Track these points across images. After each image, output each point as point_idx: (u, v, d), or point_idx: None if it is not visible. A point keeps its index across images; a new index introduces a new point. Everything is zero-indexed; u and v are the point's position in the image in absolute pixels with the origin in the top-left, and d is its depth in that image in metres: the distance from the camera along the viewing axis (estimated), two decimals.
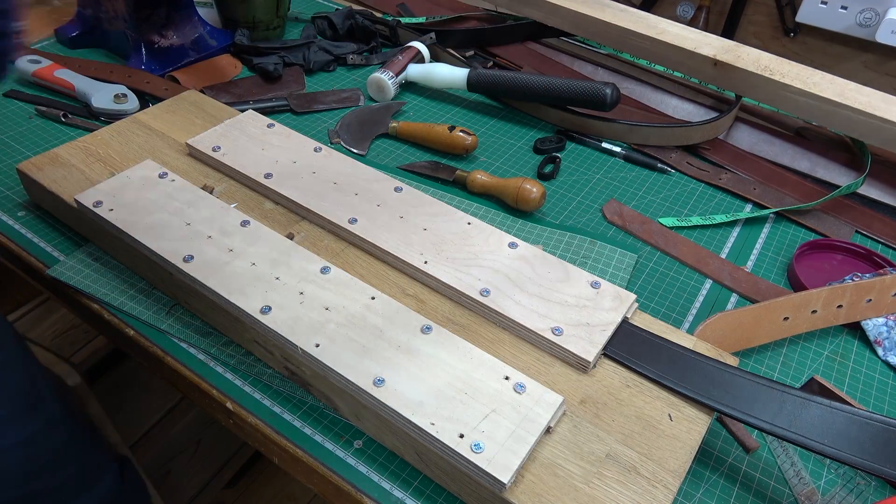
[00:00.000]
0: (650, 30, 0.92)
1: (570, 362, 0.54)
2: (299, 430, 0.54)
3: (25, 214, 0.71)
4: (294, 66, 0.97)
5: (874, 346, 0.65)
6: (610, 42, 0.96)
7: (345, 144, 0.85)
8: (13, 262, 0.70)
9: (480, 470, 0.45)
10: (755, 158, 0.88)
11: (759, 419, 0.49)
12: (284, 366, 0.56)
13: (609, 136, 0.90)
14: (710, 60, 0.87)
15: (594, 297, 0.58)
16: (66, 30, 0.99)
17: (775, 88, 0.83)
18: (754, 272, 0.73)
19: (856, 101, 0.79)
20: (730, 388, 0.51)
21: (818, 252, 0.75)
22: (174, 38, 0.96)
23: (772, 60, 0.86)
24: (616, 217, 0.77)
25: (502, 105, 0.97)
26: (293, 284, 0.56)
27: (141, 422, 1.08)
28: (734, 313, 0.61)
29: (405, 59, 0.96)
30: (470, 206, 0.76)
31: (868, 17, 1.47)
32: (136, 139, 0.74)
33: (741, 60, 0.86)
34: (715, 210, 0.81)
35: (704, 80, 0.90)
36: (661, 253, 0.74)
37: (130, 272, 0.65)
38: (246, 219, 0.62)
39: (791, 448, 0.55)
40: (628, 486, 0.47)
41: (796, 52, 1.67)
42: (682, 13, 1.75)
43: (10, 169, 0.76)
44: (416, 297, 0.59)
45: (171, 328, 0.60)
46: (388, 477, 0.51)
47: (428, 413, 0.48)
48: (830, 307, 0.63)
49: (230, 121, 0.75)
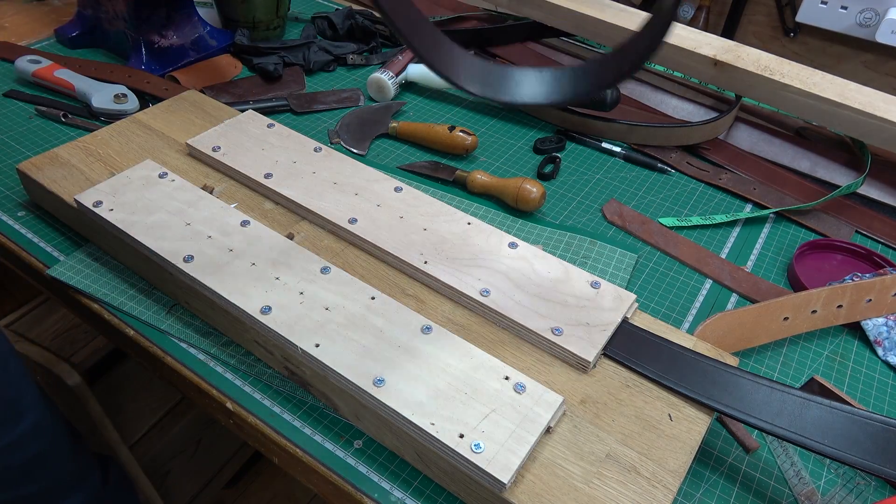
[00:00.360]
0: None
1: (570, 362, 0.54)
2: (299, 430, 0.54)
3: (25, 214, 0.71)
4: (294, 66, 0.97)
5: (874, 346, 0.65)
6: (610, 42, 0.96)
7: (345, 144, 0.85)
8: (13, 262, 0.70)
9: (480, 470, 0.45)
10: (755, 158, 0.88)
11: (759, 419, 0.49)
12: (284, 366, 0.56)
13: (609, 136, 0.90)
14: (710, 60, 0.87)
15: (594, 297, 0.58)
16: (66, 30, 0.99)
17: (775, 88, 0.83)
18: (754, 272, 0.73)
19: (856, 101, 0.79)
20: (730, 388, 0.51)
21: (818, 252, 0.75)
22: (174, 38, 0.97)
23: (772, 60, 0.86)
24: (616, 217, 0.77)
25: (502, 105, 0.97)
26: (293, 284, 0.56)
27: (141, 422, 1.08)
28: (734, 313, 0.61)
29: (405, 59, 0.96)
30: (470, 206, 0.76)
31: (868, 17, 1.47)
32: (136, 139, 0.74)
33: (741, 60, 0.86)
34: (715, 210, 0.81)
35: (704, 80, 0.90)
36: (661, 253, 0.74)
37: (130, 272, 0.65)
38: (246, 219, 0.62)
39: (791, 448, 0.55)
40: (628, 486, 0.47)
41: (796, 52, 1.67)
42: (683, 13, 1.75)
43: (10, 169, 0.76)
44: (416, 297, 0.59)
45: (171, 328, 0.60)
46: (388, 477, 0.51)
47: (428, 413, 0.48)
48: (830, 307, 0.63)
49: (230, 121, 0.75)
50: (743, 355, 0.63)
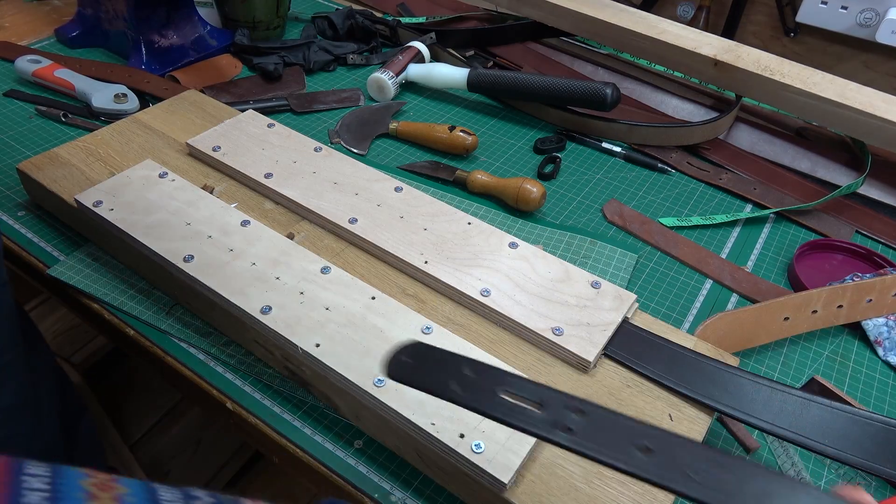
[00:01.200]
0: (650, 30, 0.92)
1: (570, 362, 0.54)
2: (299, 430, 0.54)
3: (25, 214, 0.71)
4: (294, 65, 0.97)
5: (874, 346, 0.65)
6: (610, 42, 0.96)
7: (345, 144, 0.85)
8: (13, 262, 0.70)
9: (481, 470, 0.45)
10: (755, 158, 0.88)
11: (759, 419, 0.49)
12: (284, 366, 0.56)
13: (609, 136, 0.90)
14: (711, 60, 0.87)
15: (594, 297, 0.58)
16: (66, 30, 0.99)
17: (775, 89, 0.83)
18: (754, 272, 0.73)
19: (856, 100, 0.79)
20: (730, 388, 0.51)
21: (819, 252, 0.75)
22: (174, 38, 0.97)
23: (772, 60, 0.86)
24: (616, 217, 0.77)
25: (502, 105, 0.97)
26: (293, 284, 0.56)
27: (141, 422, 1.08)
28: (734, 313, 0.61)
29: (405, 59, 0.96)
30: (470, 206, 0.76)
31: (868, 17, 1.48)
32: (136, 139, 0.74)
33: (741, 60, 0.86)
34: (715, 210, 0.81)
35: (705, 80, 0.90)
36: (661, 253, 0.74)
37: (130, 272, 0.65)
38: (246, 219, 0.62)
39: (792, 449, 0.55)
40: (628, 485, 0.47)
41: (796, 52, 1.67)
42: (683, 13, 1.75)
43: (10, 169, 0.76)
44: (416, 297, 0.59)
45: (171, 328, 0.60)
46: (388, 477, 0.51)
47: (428, 413, 0.48)
48: (831, 307, 0.63)
49: (230, 121, 0.75)
50: (743, 355, 0.63)
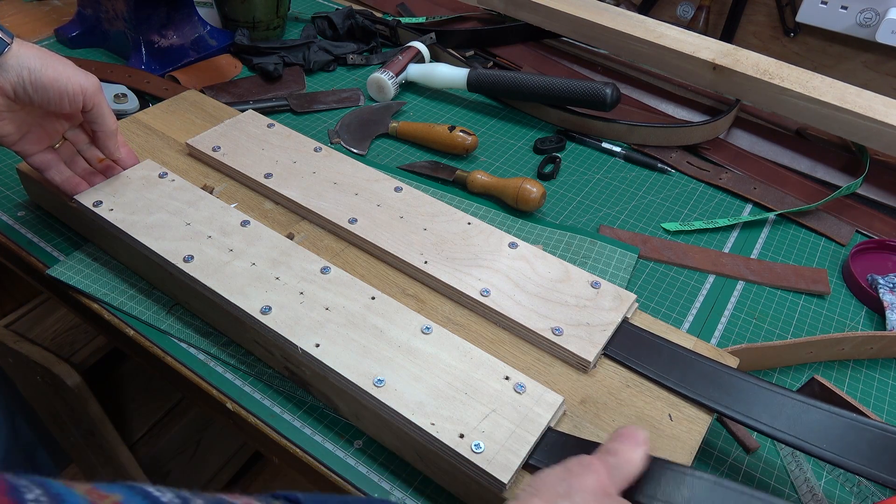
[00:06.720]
0: (648, 34, 0.92)
1: (570, 362, 0.54)
2: (299, 430, 0.54)
3: (25, 214, 0.71)
4: (294, 66, 0.97)
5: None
6: (608, 46, 0.96)
7: (345, 144, 0.85)
8: (13, 262, 0.70)
9: (480, 470, 0.45)
10: (755, 158, 0.88)
11: (758, 421, 0.49)
12: (284, 366, 0.56)
13: (609, 136, 0.90)
14: (709, 64, 0.87)
15: (594, 297, 0.58)
16: (66, 30, 0.99)
17: (775, 93, 0.83)
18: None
19: (855, 104, 0.79)
20: (730, 389, 0.51)
21: (873, 252, 0.76)
22: (174, 38, 0.97)
23: (771, 64, 0.86)
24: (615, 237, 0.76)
25: (502, 105, 0.97)
26: (293, 284, 0.56)
27: (141, 422, 1.08)
28: (759, 348, 0.60)
29: (405, 59, 0.96)
30: (470, 206, 0.76)
31: (868, 17, 1.47)
32: (136, 139, 0.74)
33: (740, 64, 0.86)
34: (716, 209, 0.81)
35: (703, 84, 0.90)
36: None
37: (130, 272, 0.65)
38: (246, 219, 0.62)
39: (805, 463, 0.55)
40: None
41: (796, 52, 1.67)
42: (682, 13, 1.75)
43: (10, 169, 0.76)
44: (416, 297, 0.59)
45: (171, 328, 0.60)
46: (388, 477, 0.51)
47: (428, 413, 0.48)
48: (862, 347, 0.63)
49: (230, 121, 0.75)
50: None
